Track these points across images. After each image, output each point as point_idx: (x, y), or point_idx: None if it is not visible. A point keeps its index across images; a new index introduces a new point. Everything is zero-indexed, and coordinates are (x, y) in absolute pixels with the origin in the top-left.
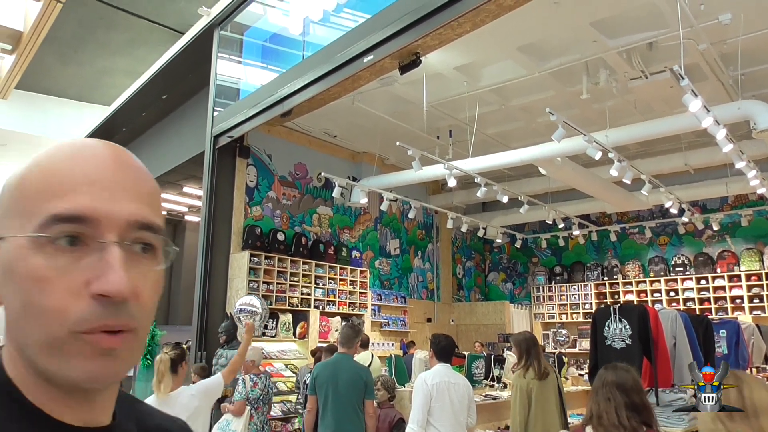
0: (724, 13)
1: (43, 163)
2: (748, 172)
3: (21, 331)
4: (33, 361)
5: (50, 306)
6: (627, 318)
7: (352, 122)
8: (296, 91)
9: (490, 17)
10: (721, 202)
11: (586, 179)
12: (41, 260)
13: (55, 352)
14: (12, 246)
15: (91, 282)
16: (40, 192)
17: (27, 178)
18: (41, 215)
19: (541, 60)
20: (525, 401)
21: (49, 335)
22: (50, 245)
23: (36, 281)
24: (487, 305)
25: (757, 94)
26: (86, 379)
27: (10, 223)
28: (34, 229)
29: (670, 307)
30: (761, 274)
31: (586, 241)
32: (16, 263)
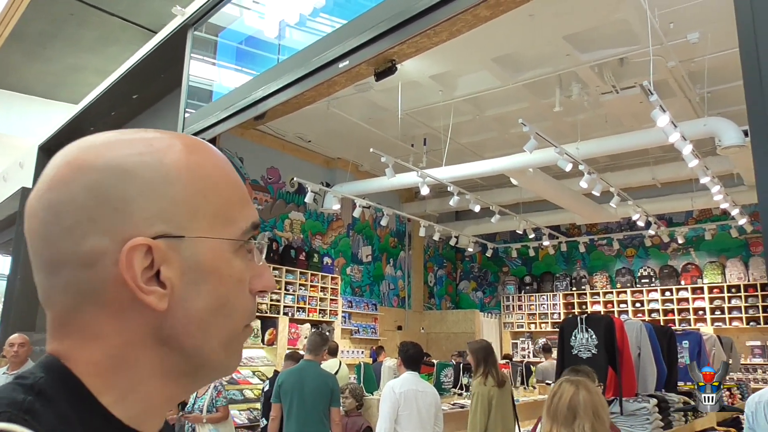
0: (692, 32)
1: (219, 168)
2: (712, 188)
3: (197, 333)
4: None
5: (245, 305)
6: (593, 328)
7: (327, 128)
8: (270, 95)
9: (466, 27)
10: (686, 216)
11: (556, 191)
12: (241, 263)
13: (233, 346)
14: (209, 247)
15: (252, 280)
16: (236, 199)
17: (211, 179)
18: (243, 222)
19: (515, 71)
20: (486, 408)
21: (234, 331)
22: (242, 249)
23: (240, 282)
24: (458, 313)
25: (722, 112)
26: (237, 364)
27: (196, 224)
28: (238, 235)
29: (635, 317)
30: (723, 287)
31: (556, 252)
32: (218, 265)
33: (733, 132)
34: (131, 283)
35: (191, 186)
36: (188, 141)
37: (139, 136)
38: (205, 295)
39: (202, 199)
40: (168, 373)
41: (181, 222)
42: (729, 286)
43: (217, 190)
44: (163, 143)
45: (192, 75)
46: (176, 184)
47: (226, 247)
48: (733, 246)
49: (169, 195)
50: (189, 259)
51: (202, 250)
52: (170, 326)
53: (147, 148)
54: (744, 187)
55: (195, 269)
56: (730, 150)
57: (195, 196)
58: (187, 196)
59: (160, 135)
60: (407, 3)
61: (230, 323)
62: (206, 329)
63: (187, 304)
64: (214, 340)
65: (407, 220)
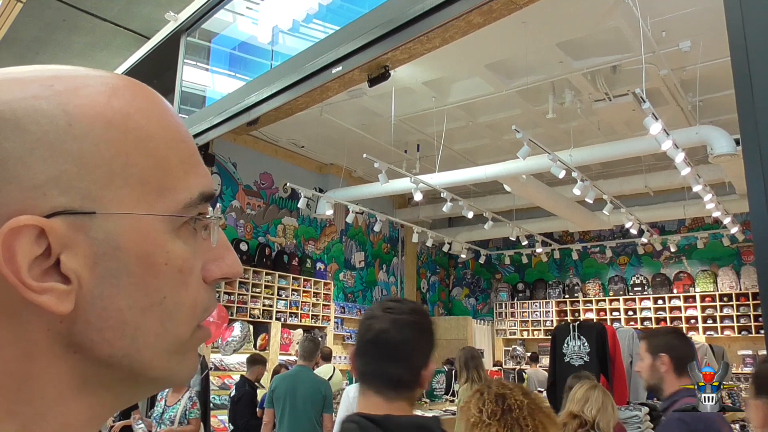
0: (684, 40)
1: (152, 115)
2: (705, 196)
3: (129, 338)
4: (135, 371)
5: (188, 301)
6: (586, 336)
7: (320, 133)
8: (263, 100)
9: (459, 33)
10: (679, 224)
11: (549, 198)
12: (182, 246)
13: (176, 354)
14: (135, 227)
15: (206, 265)
16: (174, 161)
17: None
18: (186, 191)
19: (508, 78)
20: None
21: (177, 335)
22: (185, 228)
23: (180, 273)
24: (450, 320)
25: (714, 120)
26: (190, 375)
27: (115, 194)
28: (177, 209)
29: (627, 325)
30: (715, 296)
31: (549, 259)
32: (149, 250)
33: (725, 140)
34: (13, 280)
35: (108, 142)
36: (112, 80)
37: (38, 74)
38: (129, 291)
39: (122, 159)
40: (86, 389)
41: (92, 191)
42: (721, 294)
43: (146, 148)
44: (71, 83)
45: (185, 80)
46: (85, 139)
47: (159, 225)
48: (724, 255)
49: (73, 154)
50: (103, 243)
51: (123, 230)
52: (80, 332)
53: (45, 91)
54: (736, 195)
55: (112, 256)
56: (722, 158)
57: (113, 155)
58: (101, 155)
59: (72, 72)
60: (400, 9)
61: (173, 326)
62: (133, 335)
63: (104, 303)
64: (147, 349)
65: (400, 226)
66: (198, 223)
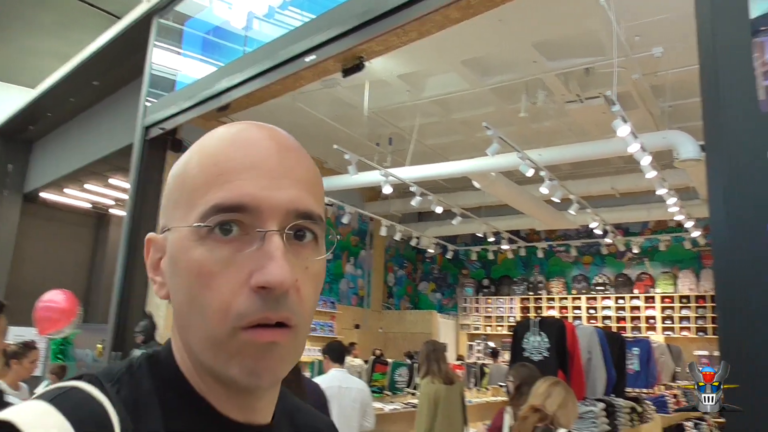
0: (657, 46)
1: (203, 150)
2: (669, 200)
3: (185, 326)
4: (197, 356)
5: (214, 302)
6: (546, 331)
7: (292, 122)
8: (235, 86)
9: (436, 28)
10: (642, 226)
11: (518, 195)
12: (204, 253)
13: (217, 351)
14: (176, 237)
15: (252, 274)
16: (201, 181)
17: (189, 165)
18: (203, 206)
19: (483, 75)
20: (432, 407)
21: (212, 333)
22: (211, 237)
23: (200, 275)
24: (416, 314)
25: (682, 126)
26: (247, 378)
27: (175, 214)
28: (196, 220)
29: (588, 323)
30: (674, 297)
31: (515, 256)
32: (179, 255)
33: (691, 146)
34: (148, 272)
35: (177, 178)
36: (217, 129)
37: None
38: (179, 288)
39: (178, 188)
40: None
41: (169, 214)
42: (680, 296)
43: (190, 176)
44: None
45: (155, 63)
46: (173, 178)
47: (188, 234)
48: (686, 258)
49: (168, 190)
50: (169, 251)
51: (172, 241)
52: (174, 315)
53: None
54: (698, 200)
55: (169, 260)
56: (687, 163)
57: (176, 187)
58: (173, 188)
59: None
60: (377, 0)
61: (205, 321)
62: (188, 325)
63: (174, 295)
64: (196, 337)
65: (369, 219)
66: (222, 230)
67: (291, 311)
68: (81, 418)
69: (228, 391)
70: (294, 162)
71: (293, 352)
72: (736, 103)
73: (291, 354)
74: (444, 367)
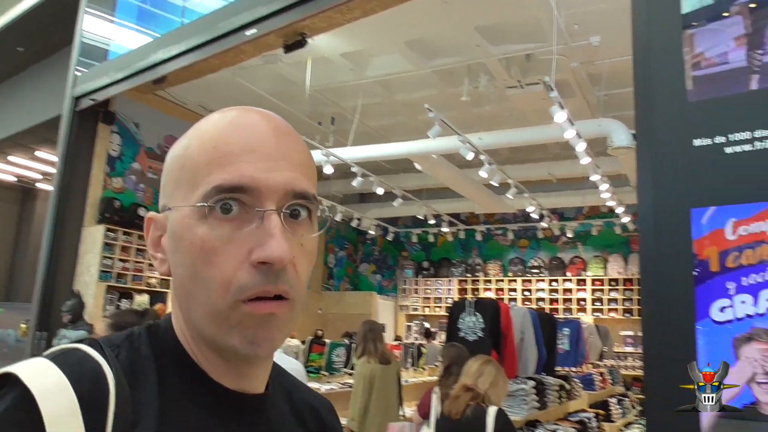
0: (595, 35)
1: (202, 134)
2: (601, 186)
3: (187, 299)
4: (198, 327)
5: (217, 276)
6: (481, 312)
7: (231, 98)
8: (171, 58)
9: (380, 6)
10: (577, 211)
11: (458, 179)
12: (206, 230)
13: (219, 322)
14: (178, 216)
15: (252, 250)
16: (203, 164)
17: (190, 148)
18: (205, 186)
19: (427, 57)
20: (367, 387)
21: (214, 305)
22: (212, 215)
23: (202, 251)
24: (356, 295)
25: (616, 115)
26: (247, 347)
27: (177, 193)
28: (198, 200)
29: (523, 305)
30: (604, 280)
31: (454, 239)
32: (182, 233)
33: (624, 134)
34: (148, 249)
35: (178, 159)
36: (214, 113)
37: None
38: (181, 262)
39: (179, 169)
40: (195, 338)
41: (170, 194)
42: (609, 279)
43: (190, 159)
44: (195, 124)
45: (86, 31)
46: (174, 160)
47: (190, 213)
48: (616, 242)
49: (167, 171)
50: (170, 228)
51: (175, 219)
52: (175, 289)
53: (183, 135)
54: (629, 187)
55: (171, 237)
56: (620, 151)
57: (177, 168)
58: (174, 170)
59: (209, 116)
60: None
61: (207, 294)
62: (191, 296)
63: (176, 270)
64: (198, 309)
65: None
66: (223, 209)
67: (288, 285)
68: (78, 375)
69: (224, 361)
70: (289, 145)
71: (289, 323)
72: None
73: (287, 325)
74: (380, 347)
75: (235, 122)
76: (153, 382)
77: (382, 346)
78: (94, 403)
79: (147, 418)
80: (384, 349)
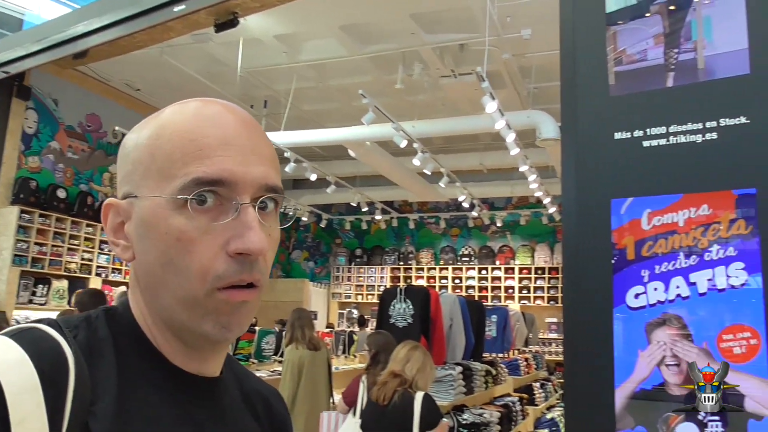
0: (526, 28)
1: (174, 125)
2: (530, 176)
3: (156, 286)
4: (167, 312)
5: (194, 265)
6: (411, 299)
7: (159, 77)
8: (93, 32)
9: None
10: (506, 201)
11: (391, 166)
12: (183, 221)
13: (193, 308)
14: (150, 205)
15: (230, 241)
16: (179, 155)
17: (161, 138)
18: (183, 178)
19: (362, 43)
20: (296, 374)
21: (189, 292)
22: (189, 206)
23: (179, 241)
24: (288, 282)
25: (545, 107)
26: (219, 332)
27: (145, 182)
28: (174, 192)
29: (454, 293)
30: (531, 269)
31: (387, 227)
32: (155, 222)
33: (551, 126)
34: (107, 236)
35: (146, 148)
36: (179, 105)
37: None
38: (151, 250)
39: (149, 158)
40: (157, 322)
41: (137, 182)
42: (536, 268)
43: (163, 148)
44: (158, 113)
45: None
46: (138, 149)
47: (164, 203)
48: (543, 232)
49: (131, 159)
50: (139, 216)
51: (145, 207)
52: (139, 275)
53: (144, 123)
54: (556, 178)
55: (140, 225)
56: (548, 142)
57: (146, 157)
58: (143, 158)
59: (173, 105)
60: None
61: (183, 282)
62: (161, 283)
63: (143, 257)
64: (169, 296)
65: None
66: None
67: (261, 273)
68: (38, 352)
69: (184, 345)
70: (260, 139)
71: (256, 308)
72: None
73: (254, 310)
74: (309, 334)
75: (207, 114)
76: (111, 362)
77: (310, 332)
78: (53, 380)
79: (105, 397)
80: (313, 336)
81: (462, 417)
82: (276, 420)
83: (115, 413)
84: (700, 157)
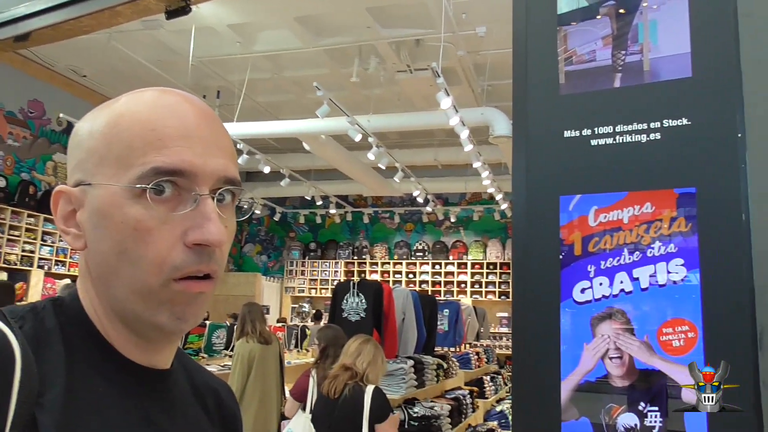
0: (480, 26)
1: (132, 114)
2: (483, 173)
3: (109, 276)
4: (120, 303)
5: (150, 255)
6: (364, 293)
7: (107, 64)
8: (35, 14)
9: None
10: (460, 197)
11: (346, 160)
12: (140, 210)
13: (148, 299)
14: (105, 193)
15: (188, 232)
16: (138, 144)
17: (119, 127)
18: (141, 167)
19: (317, 35)
20: (245, 368)
21: (144, 283)
22: (146, 196)
23: (135, 231)
24: (239, 276)
25: (498, 105)
26: (175, 323)
27: (101, 170)
28: (132, 180)
29: (407, 287)
30: (483, 264)
31: (342, 221)
32: (111, 211)
33: (504, 123)
34: (57, 224)
35: (102, 136)
36: (135, 93)
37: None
38: (105, 239)
39: (105, 147)
40: (108, 313)
41: (91, 170)
42: (488, 263)
43: (121, 137)
44: (111, 102)
45: None
46: (93, 137)
47: (121, 192)
48: (495, 228)
49: (85, 147)
50: (92, 205)
51: (100, 196)
52: (91, 265)
53: (95, 113)
54: (508, 176)
55: (94, 213)
56: (500, 139)
57: (103, 145)
58: (97, 145)
59: (128, 94)
60: None
61: (138, 272)
62: (115, 273)
63: (96, 246)
64: (123, 286)
65: None
66: (158, 191)
67: (218, 265)
68: None
69: (136, 336)
70: (219, 131)
71: (210, 299)
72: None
73: (209, 301)
74: (260, 328)
75: (166, 104)
76: (59, 353)
77: (262, 326)
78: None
79: (53, 388)
80: (264, 330)
81: (413, 410)
82: (226, 413)
83: (64, 404)
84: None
